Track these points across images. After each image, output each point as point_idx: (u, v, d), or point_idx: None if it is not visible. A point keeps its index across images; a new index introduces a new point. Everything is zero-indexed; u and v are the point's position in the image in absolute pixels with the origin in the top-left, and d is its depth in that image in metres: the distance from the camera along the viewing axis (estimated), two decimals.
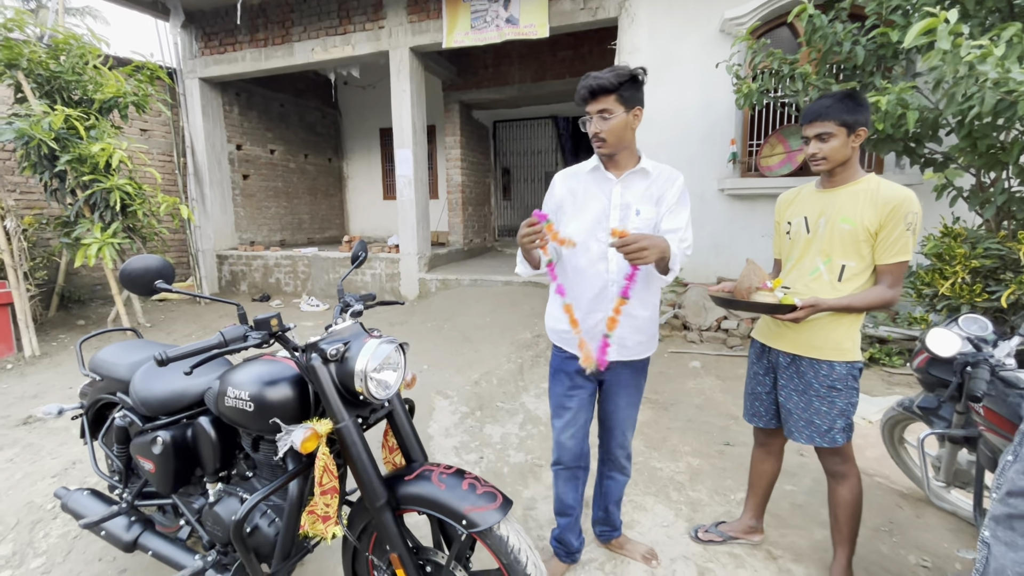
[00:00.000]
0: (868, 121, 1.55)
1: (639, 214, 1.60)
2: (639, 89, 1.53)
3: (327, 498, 1.34)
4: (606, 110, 1.51)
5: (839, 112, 1.54)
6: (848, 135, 1.55)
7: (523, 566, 1.27)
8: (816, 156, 1.59)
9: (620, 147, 1.57)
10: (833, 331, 1.59)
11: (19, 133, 4.04)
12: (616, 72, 1.48)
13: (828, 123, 1.55)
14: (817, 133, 1.58)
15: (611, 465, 1.87)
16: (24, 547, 2.14)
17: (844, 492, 1.70)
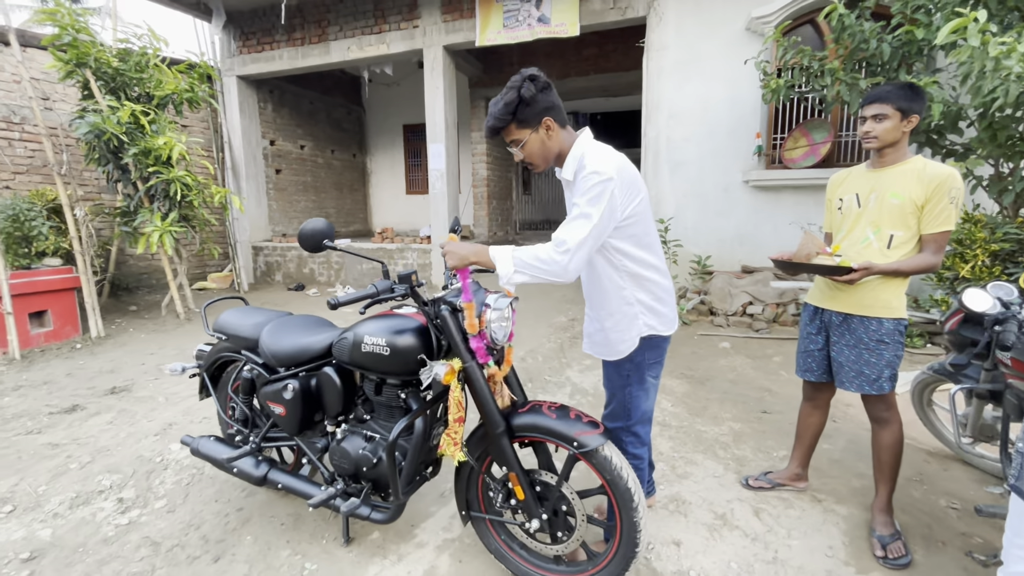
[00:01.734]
0: (922, 111, 1.78)
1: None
2: (536, 102, 1.50)
3: (457, 425, 1.59)
4: (515, 140, 1.57)
5: (897, 98, 1.76)
6: (902, 119, 1.77)
7: (625, 480, 1.52)
8: (869, 134, 1.82)
9: (549, 161, 1.62)
10: (883, 292, 1.82)
11: (92, 127, 4.32)
12: (505, 103, 1.50)
13: (886, 106, 1.77)
14: (874, 114, 1.80)
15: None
16: (145, 492, 2.41)
17: (887, 436, 1.93)
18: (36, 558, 1.99)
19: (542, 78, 1.52)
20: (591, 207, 1.44)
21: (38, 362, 4.22)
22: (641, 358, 1.70)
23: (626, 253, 1.59)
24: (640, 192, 1.57)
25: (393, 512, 1.77)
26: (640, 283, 1.64)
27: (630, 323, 1.66)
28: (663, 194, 5.52)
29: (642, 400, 1.75)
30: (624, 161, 1.55)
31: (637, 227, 1.58)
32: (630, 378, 1.73)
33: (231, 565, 1.93)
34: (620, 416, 1.76)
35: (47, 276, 4.55)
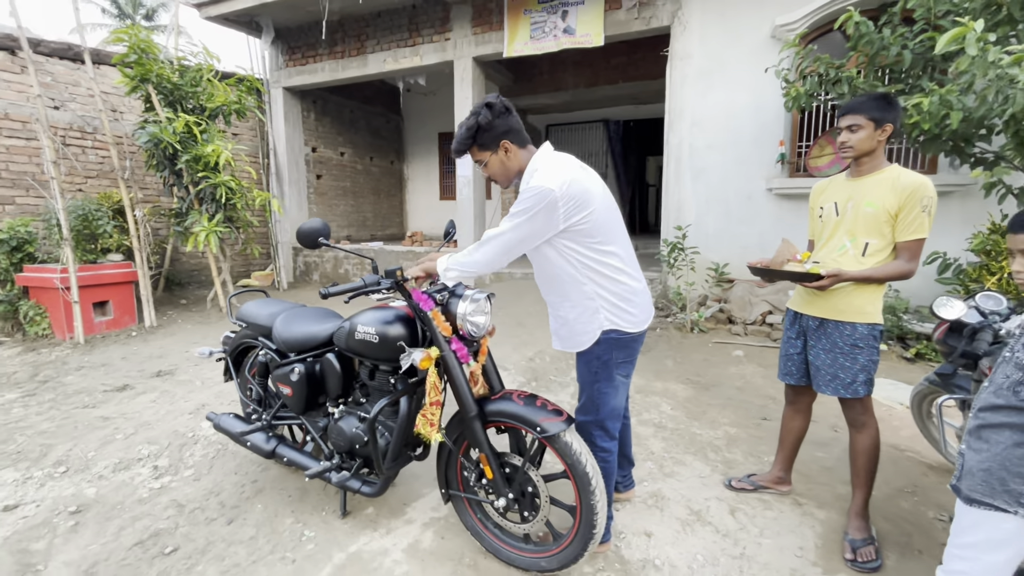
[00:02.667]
0: (896, 119, 1.82)
1: None
2: (493, 128, 1.66)
3: (434, 408, 1.75)
4: (478, 161, 1.76)
5: (870, 108, 1.82)
6: (875, 129, 1.82)
7: (583, 466, 1.64)
8: (844, 144, 1.88)
9: (511, 179, 1.78)
10: (856, 298, 1.86)
11: (151, 136, 4.79)
12: (466, 128, 1.68)
13: (859, 116, 1.83)
14: (848, 124, 1.86)
15: None
16: (176, 461, 2.70)
17: (864, 439, 1.95)
18: (81, 511, 2.29)
19: (499, 105, 1.67)
20: (515, 215, 1.62)
21: (99, 346, 4.69)
22: (609, 356, 1.79)
23: (577, 252, 1.69)
24: (591, 204, 1.63)
25: (380, 486, 1.95)
26: (601, 279, 1.71)
27: (592, 316, 1.74)
28: (684, 201, 5.53)
29: (610, 396, 1.84)
30: (576, 175, 1.64)
31: (589, 233, 1.66)
32: (598, 375, 1.81)
33: (241, 528, 2.16)
34: (590, 410, 1.86)
35: (110, 270, 5.06)
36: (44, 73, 5.50)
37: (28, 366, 4.24)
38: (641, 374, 3.86)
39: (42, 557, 2.01)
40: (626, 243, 1.82)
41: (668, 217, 5.62)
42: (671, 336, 4.82)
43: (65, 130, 5.70)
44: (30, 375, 4.02)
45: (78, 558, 2.00)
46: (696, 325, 4.95)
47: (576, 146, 10.16)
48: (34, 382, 3.87)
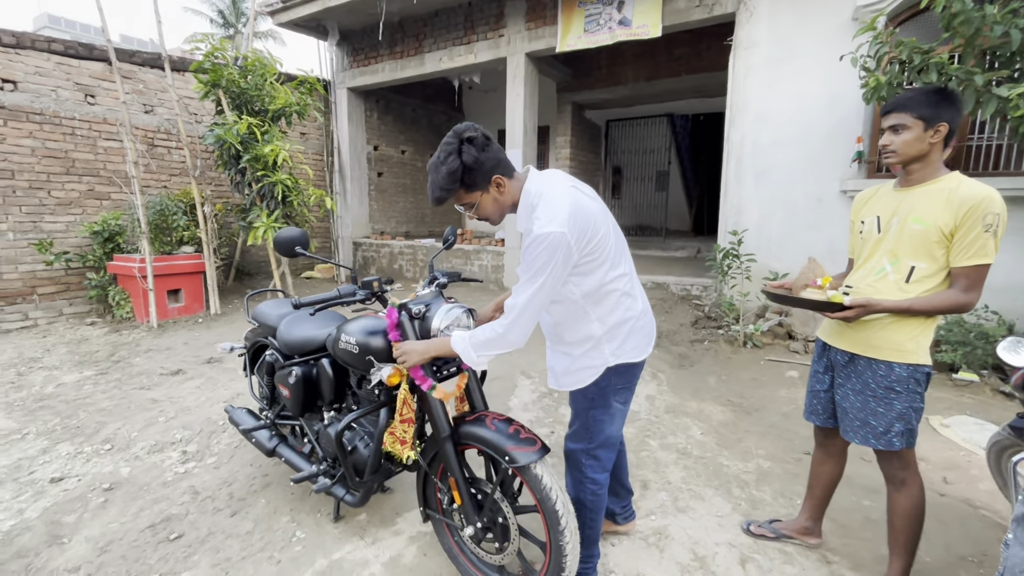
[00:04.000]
0: (954, 119, 1.50)
1: None
2: (481, 165, 1.45)
3: (405, 426, 1.69)
4: (466, 204, 1.54)
5: (918, 105, 1.51)
6: (925, 130, 1.51)
7: (553, 502, 1.50)
8: (887, 148, 1.57)
9: (504, 214, 1.58)
10: (894, 332, 1.56)
11: (217, 138, 5.15)
12: (448, 172, 1.44)
13: (904, 115, 1.53)
14: (892, 124, 1.56)
15: None
16: (204, 448, 2.86)
17: (903, 500, 1.65)
18: (113, 489, 2.48)
19: (479, 137, 1.46)
20: (535, 273, 1.41)
21: (169, 331, 5.14)
22: (607, 382, 1.63)
23: (582, 286, 1.52)
24: (599, 228, 1.48)
25: (361, 497, 1.93)
26: (606, 313, 1.56)
27: (595, 353, 1.60)
28: (745, 203, 5.08)
29: (606, 424, 1.69)
30: (576, 199, 1.46)
31: (599, 262, 1.50)
32: (594, 401, 1.66)
33: (241, 521, 2.24)
34: (582, 438, 1.72)
35: (182, 260, 5.52)
36: (137, 81, 6.09)
37: (109, 346, 4.72)
38: (676, 391, 3.59)
39: (70, 530, 2.19)
40: (629, 258, 1.66)
41: (726, 221, 5.20)
42: (719, 350, 4.46)
43: (154, 132, 6.29)
44: (108, 354, 4.47)
45: (98, 535, 2.16)
46: (750, 339, 4.54)
47: (638, 141, 9.75)
48: (109, 361, 4.30)
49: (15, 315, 5.31)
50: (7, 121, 5.12)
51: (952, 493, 2.41)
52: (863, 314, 1.53)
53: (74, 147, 5.60)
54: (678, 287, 5.70)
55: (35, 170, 5.34)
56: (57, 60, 5.43)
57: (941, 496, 2.38)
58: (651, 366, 4.04)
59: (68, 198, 5.60)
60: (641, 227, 10.84)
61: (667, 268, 6.77)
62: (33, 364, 4.24)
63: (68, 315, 5.64)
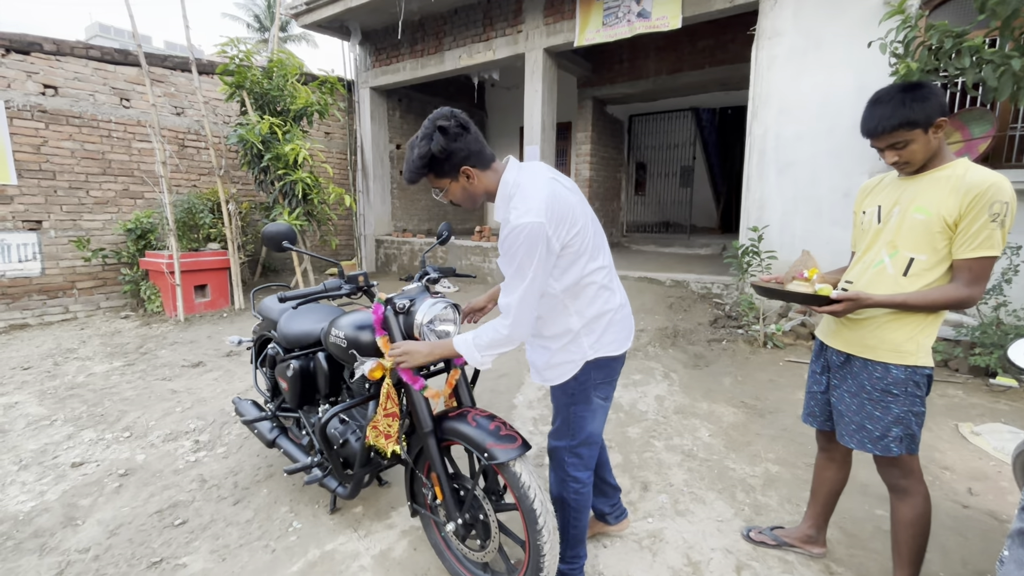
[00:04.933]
0: (942, 107, 1.39)
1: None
2: (451, 154, 1.43)
3: (389, 420, 1.70)
4: (437, 188, 1.53)
5: (905, 115, 1.39)
6: (925, 131, 1.41)
7: (530, 500, 1.48)
8: (898, 163, 1.47)
9: (476, 203, 1.58)
10: (893, 331, 1.47)
11: (239, 138, 5.31)
12: (419, 155, 1.44)
13: (899, 132, 1.41)
14: (890, 144, 1.45)
15: None
16: (215, 438, 2.95)
17: (905, 510, 1.55)
18: (127, 475, 2.59)
19: (452, 126, 1.43)
20: (520, 268, 1.39)
21: (195, 325, 5.33)
22: (586, 377, 1.61)
23: (560, 279, 1.50)
24: (577, 219, 1.46)
25: (352, 489, 1.95)
26: (584, 306, 1.54)
27: (574, 348, 1.57)
28: (768, 198, 4.91)
29: (587, 421, 1.66)
30: (553, 190, 1.44)
31: (578, 253, 1.48)
32: (575, 397, 1.64)
33: (242, 510, 2.30)
34: (564, 435, 1.69)
35: (208, 257, 5.72)
36: (169, 84, 6.33)
37: (139, 338, 4.94)
38: (688, 392, 3.50)
39: (84, 513, 2.29)
40: (608, 251, 1.63)
41: (748, 217, 5.03)
42: (738, 350, 4.32)
43: (184, 134, 6.53)
44: (137, 347, 4.67)
45: (109, 518, 2.25)
46: (771, 339, 4.39)
47: (662, 136, 9.54)
48: (137, 353, 4.49)
49: (56, 308, 5.61)
50: (49, 124, 5.41)
51: (976, 505, 2.26)
52: (852, 308, 1.44)
53: (110, 149, 5.87)
54: (698, 285, 5.56)
55: (75, 171, 5.63)
56: (95, 66, 5.70)
57: (964, 508, 2.24)
58: (664, 365, 3.95)
59: (105, 197, 5.88)
60: (666, 224, 10.62)
61: (688, 266, 6.61)
62: (69, 355, 4.47)
63: (105, 309, 5.92)
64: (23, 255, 5.33)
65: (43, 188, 5.42)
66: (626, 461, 2.64)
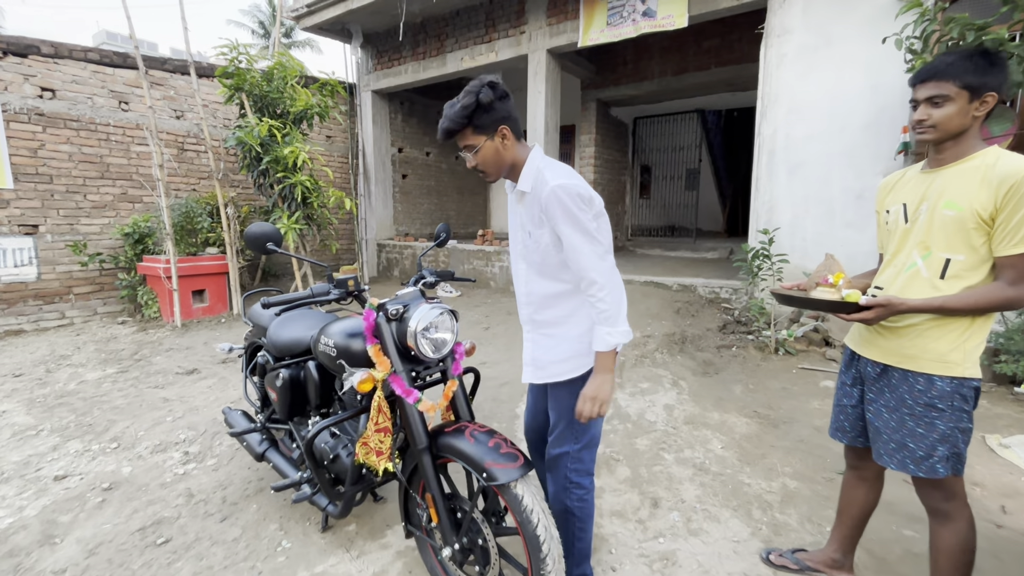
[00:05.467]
0: (1002, 86, 1.27)
1: (531, 236, 1.53)
2: (493, 109, 1.42)
3: (380, 435, 1.57)
4: (469, 146, 1.48)
5: (962, 71, 1.28)
6: (971, 101, 1.28)
7: (533, 526, 1.35)
8: (923, 123, 1.34)
9: (502, 171, 1.52)
10: (936, 340, 1.33)
11: (238, 140, 5.23)
12: (462, 106, 1.42)
13: (945, 83, 1.29)
14: (929, 95, 1.32)
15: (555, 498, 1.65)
16: (205, 449, 2.84)
17: (948, 537, 1.42)
18: (112, 489, 2.47)
19: (501, 86, 1.46)
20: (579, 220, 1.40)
21: (192, 330, 5.23)
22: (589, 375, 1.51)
23: None
24: (601, 210, 1.51)
25: (343, 508, 1.82)
26: None
27: (589, 337, 1.51)
28: (777, 200, 4.78)
29: (593, 422, 1.56)
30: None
31: (603, 234, 1.53)
32: None
33: (230, 528, 2.17)
34: (567, 440, 1.58)
35: (207, 261, 5.63)
36: (168, 87, 6.27)
37: (134, 344, 4.84)
38: (698, 400, 3.36)
39: (64, 530, 2.18)
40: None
41: (757, 219, 4.90)
42: (748, 357, 4.17)
43: (184, 137, 6.46)
44: (131, 353, 4.57)
45: (89, 536, 2.13)
46: (782, 345, 4.24)
47: (667, 139, 9.42)
48: (131, 359, 4.39)
49: (53, 314, 5.52)
50: (46, 128, 5.34)
51: (1012, 524, 2.11)
52: (885, 315, 1.31)
53: (108, 152, 5.80)
54: (706, 289, 5.42)
55: (72, 174, 5.55)
56: (93, 68, 5.64)
57: (998, 528, 2.09)
58: (672, 373, 3.82)
59: (103, 201, 5.80)
60: (671, 227, 10.48)
61: (696, 270, 6.47)
62: (62, 361, 4.37)
63: (102, 314, 5.83)
64: (19, 260, 5.25)
65: (40, 192, 5.35)
66: (635, 475, 2.50)
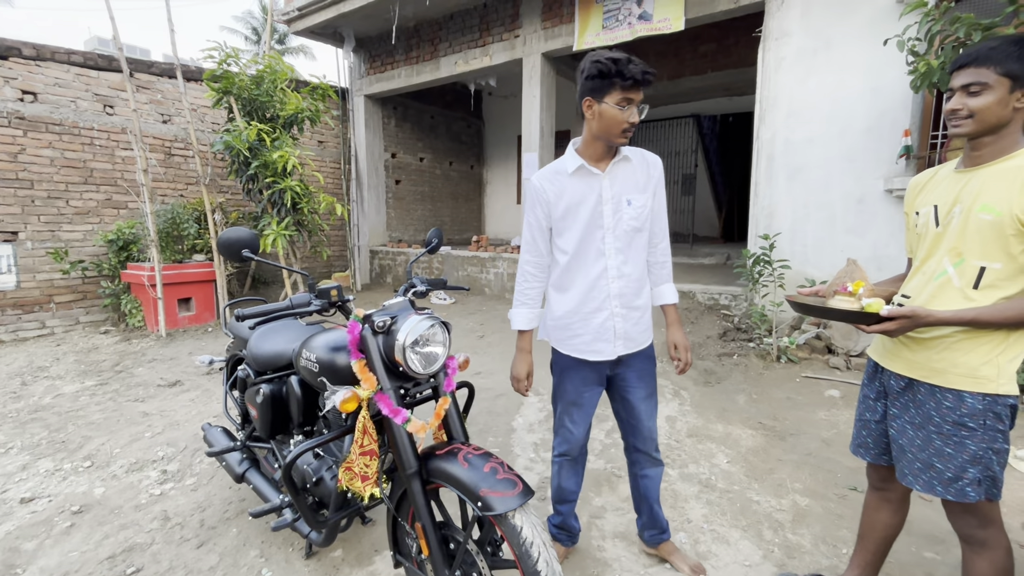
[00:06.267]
0: None
1: (630, 203, 1.61)
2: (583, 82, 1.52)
3: (366, 459, 1.44)
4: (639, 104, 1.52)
5: (1005, 58, 1.17)
6: (1012, 91, 1.18)
7: (534, 560, 1.23)
8: (957, 113, 1.23)
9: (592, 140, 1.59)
10: (966, 352, 1.23)
11: (226, 144, 5.10)
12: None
13: (985, 70, 1.18)
14: (966, 83, 1.21)
15: (643, 462, 1.83)
16: (184, 468, 2.68)
17: (983, 566, 1.30)
18: (82, 512, 2.31)
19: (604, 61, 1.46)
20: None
21: (177, 340, 5.07)
22: None
23: None
24: None
25: (327, 536, 1.69)
26: None
27: None
28: (777, 205, 4.70)
29: None
30: None
31: None
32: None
33: (207, 555, 2.03)
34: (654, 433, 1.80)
35: (193, 269, 5.47)
36: (155, 91, 6.14)
37: (116, 355, 4.67)
38: (701, 412, 3.25)
39: (27, 559, 2.02)
40: None
41: (756, 224, 4.82)
42: (750, 365, 4.07)
43: (171, 142, 6.32)
44: (113, 364, 4.40)
45: (54, 565, 1.98)
46: (784, 353, 4.14)
47: (662, 144, 9.37)
48: (112, 371, 4.22)
49: (32, 323, 5.34)
50: (27, 132, 5.18)
51: None
52: (909, 327, 1.21)
53: (92, 157, 5.64)
54: (705, 296, 5.33)
55: (54, 180, 5.39)
56: (77, 71, 5.50)
57: (1021, 547, 1.98)
58: (673, 383, 3.70)
59: (86, 207, 5.64)
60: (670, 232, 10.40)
61: (694, 276, 6.37)
62: (39, 373, 4.20)
63: (84, 323, 5.66)
64: None
65: (20, 198, 5.18)
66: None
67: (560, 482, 1.86)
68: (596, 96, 1.48)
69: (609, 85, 1.44)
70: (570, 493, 1.86)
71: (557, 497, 1.88)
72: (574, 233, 1.61)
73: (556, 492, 1.88)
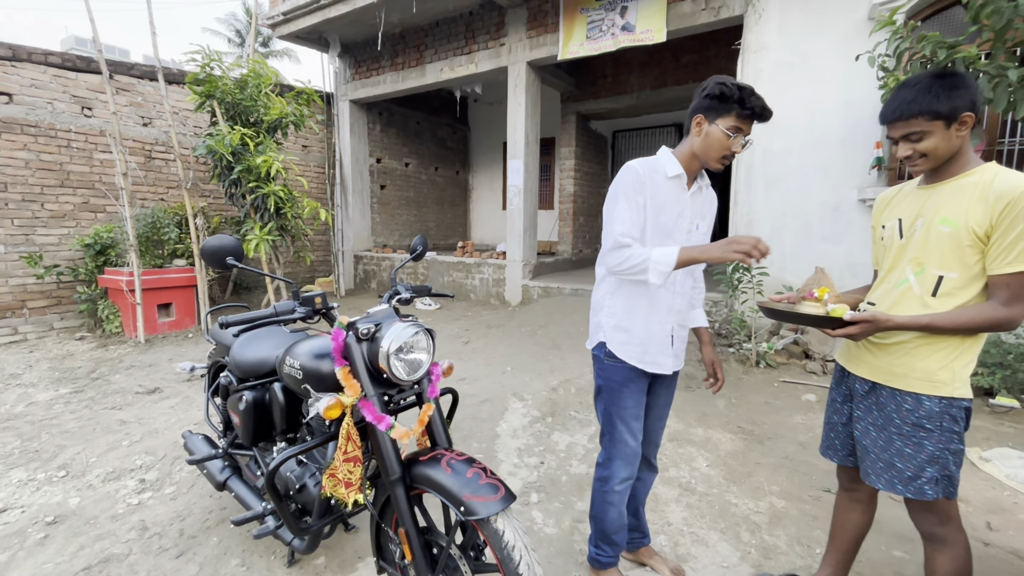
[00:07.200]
0: (973, 102, 1.24)
1: (698, 228, 1.64)
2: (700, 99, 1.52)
3: (349, 465, 1.45)
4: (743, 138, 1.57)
5: (928, 104, 1.24)
6: (948, 127, 1.25)
7: (515, 564, 1.25)
8: (912, 158, 1.32)
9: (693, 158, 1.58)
10: (924, 358, 1.29)
11: (208, 149, 5.05)
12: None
13: (916, 120, 1.26)
14: (904, 134, 1.30)
15: (642, 466, 1.83)
16: (164, 476, 2.65)
17: (944, 562, 1.36)
18: (57, 523, 2.27)
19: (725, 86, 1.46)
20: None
21: (156, 346, 4.98)
22: None
23: None
24: None
25: (309, 543, 1.69)
26: None
27: None
28: (756, 213, 4.81)
29: None
30: None
31: None
32: None
33: (186, 565, 2.00)
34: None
35: (173, 274, 5.39)
36: (136, 93, 6.05)
37: (92, 362, 4.57)
38: (681, 416, 3.30)
39: None
40: None
41: (736, 232, 4.93)
42: (730, 370, 4.15)
43: (151, 145, 6.23)
44: (88, 371, 4.31)
45: None
46: (763, 358, 4.23)
47: (646, 152, 9.50)
48: (88, 378, 4.14)
49: (4, 330, 5.20)
50: (1, 133, 5.07)
51: (998, 542, 2.09)
52: (870, 331, 1.27)
53: (69, 160, 5.54)
54: None
55: (28, 183, 5.28)
56: (54, 72, 5.40)
57: (985, 545, 2.07)
58: None
59: (62, 211, 5.53)
60: None
61: None
62: (11, 381, 4.10)
63: (59, 329, 5.53)
64: None
65: None
66: None
67: (621, 510, 1.70)
68: (710, 116, 1.46)
69: (726, 109, 1.43)
70: (625, 517, 1.75)
71: (618, 526, 1.71)
72: (655, 236, 1.56)
73: (615, 523, 1.70)
